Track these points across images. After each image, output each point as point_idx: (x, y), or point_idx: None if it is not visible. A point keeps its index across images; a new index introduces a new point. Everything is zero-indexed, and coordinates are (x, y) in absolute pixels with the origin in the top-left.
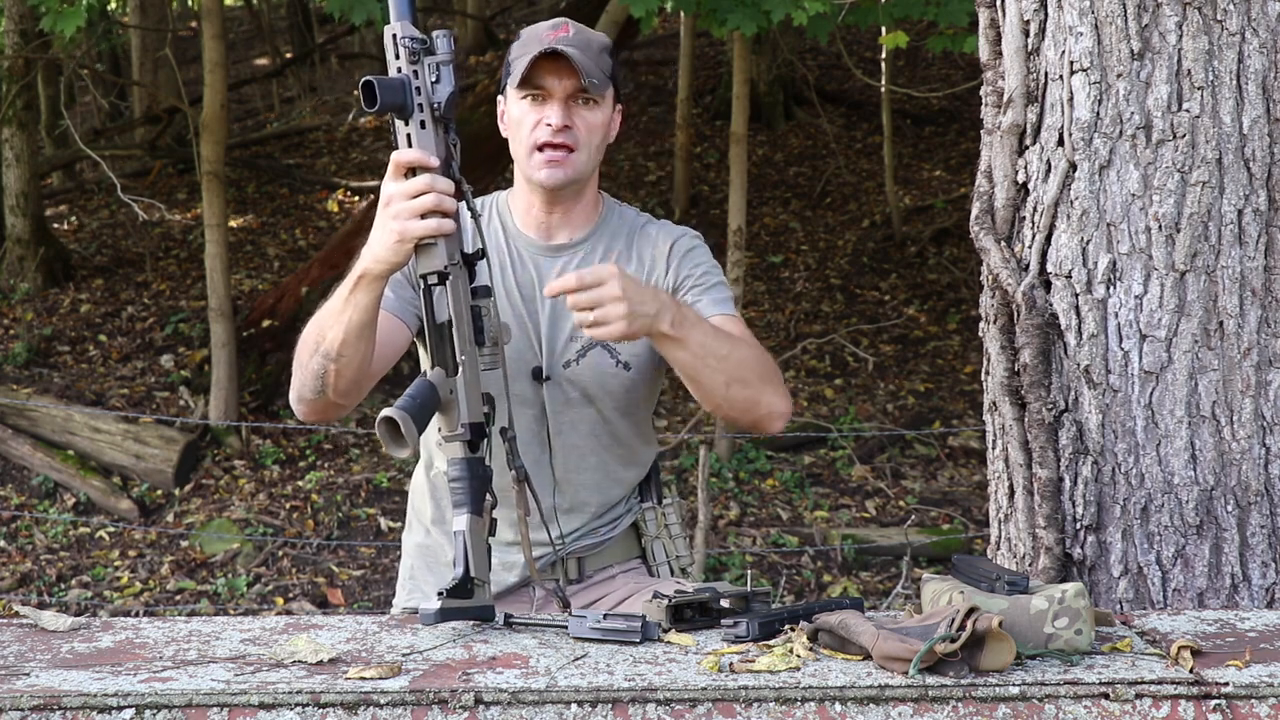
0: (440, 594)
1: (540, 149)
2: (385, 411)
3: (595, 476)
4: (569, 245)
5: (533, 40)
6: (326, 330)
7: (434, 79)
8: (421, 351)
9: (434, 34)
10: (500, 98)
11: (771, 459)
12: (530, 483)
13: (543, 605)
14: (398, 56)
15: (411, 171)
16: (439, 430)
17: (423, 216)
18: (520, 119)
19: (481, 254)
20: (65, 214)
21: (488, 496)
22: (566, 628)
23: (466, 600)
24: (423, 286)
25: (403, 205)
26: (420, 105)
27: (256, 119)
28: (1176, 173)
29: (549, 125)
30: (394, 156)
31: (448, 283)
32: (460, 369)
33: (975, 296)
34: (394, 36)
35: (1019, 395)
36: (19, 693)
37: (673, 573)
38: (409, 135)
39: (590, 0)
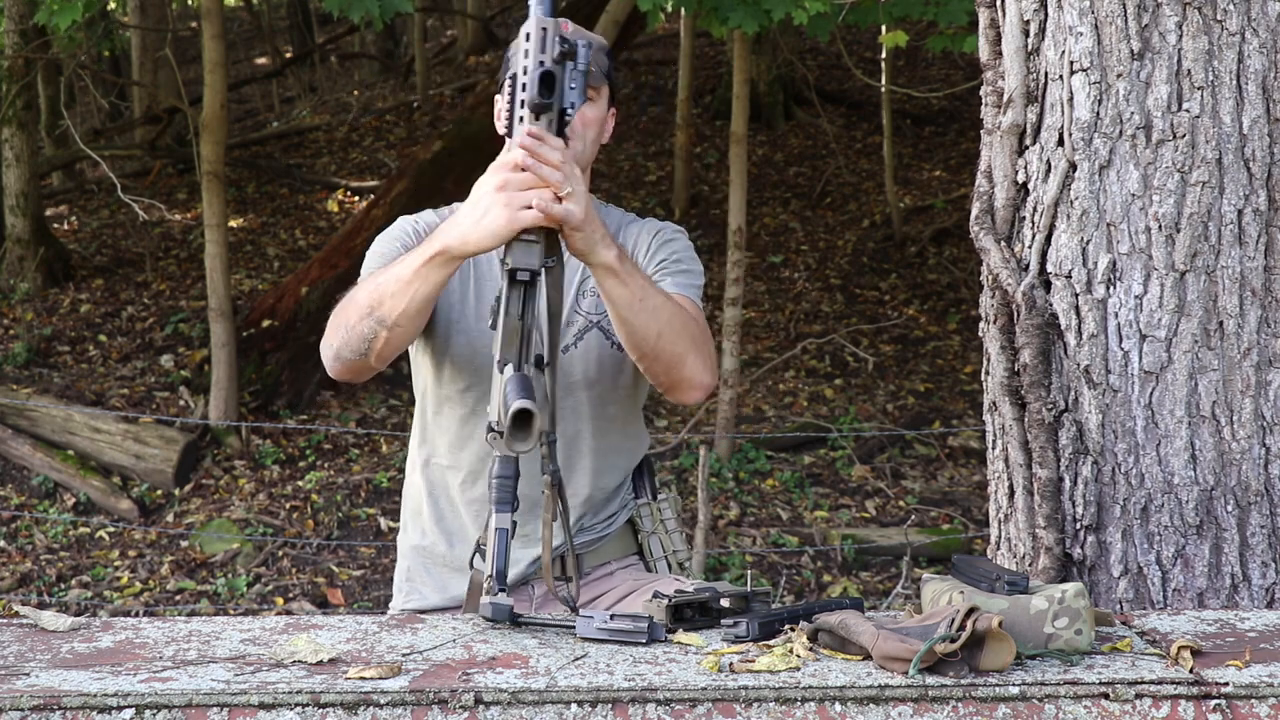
0: (502, 590)
1: None
2: (522, 404)
3: (591, 462)
4: None
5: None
6: (386, 297)
7: (571, 85)
8: (419, 349)
9: (577, 43)
10: (498, 96)
11: (771, 459)
12: (562, 489)
13: (541, 604)
14: (543, 50)
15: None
16: (490, 424)
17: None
18: None
19: (550, 266)
20: (65, 214)
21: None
22: (574, 628)
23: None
24: (508, 281)
25: (518, 195)
26: (552, 105)
27: (256, 119)
28: (1176, 173)
29: None
30: (523, 141)
31: (538, 282)
32: (534, 367)
33: (975, 296)
34: (544, 30)
35: (1019, 395)
36: (19, 693)
37: (670, 568)
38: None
39: (590, 0)
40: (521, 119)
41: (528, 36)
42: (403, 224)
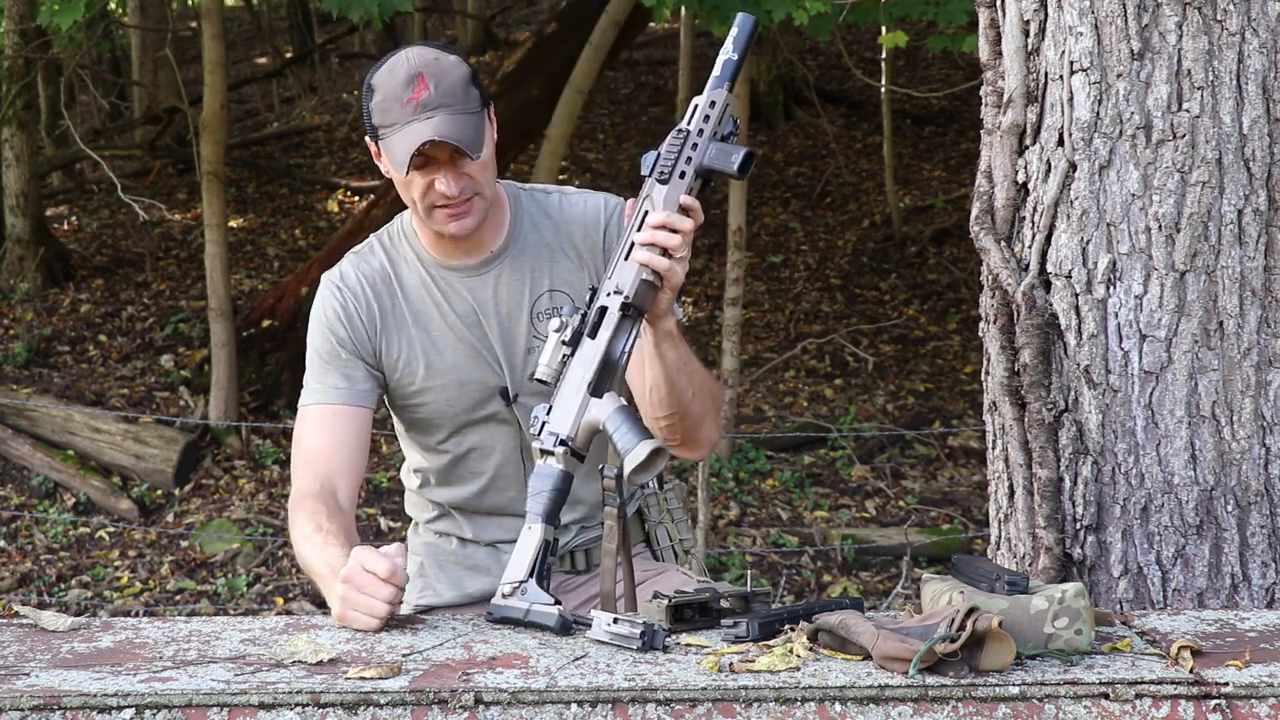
0: (559, 603)
1: (440, 207)
2: (657, 443)
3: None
4: (493, 257)
5: (393, 103)
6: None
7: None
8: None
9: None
10: (369, 140)
11: (771, 459)
12: (626, 521)
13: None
14: (719, 123)
15: None
16: (564, 439)
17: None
18: (409, 181)
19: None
20: (65, 214)
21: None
22: (589, 626)
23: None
24: (620, 314)
25: (352, 612)
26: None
27: (256, 119)
28: (1176, 173)
29: (444, 194)
30: (687, 202)
31: (637, 323)
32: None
33: (975, 296)
34: (727, 107)
35: (1019, 395)
36: (19, 693)
37: (676, 556)
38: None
39: (589, 0)
40: (684, 174)
41: (711, 104)
42: (330, 302)
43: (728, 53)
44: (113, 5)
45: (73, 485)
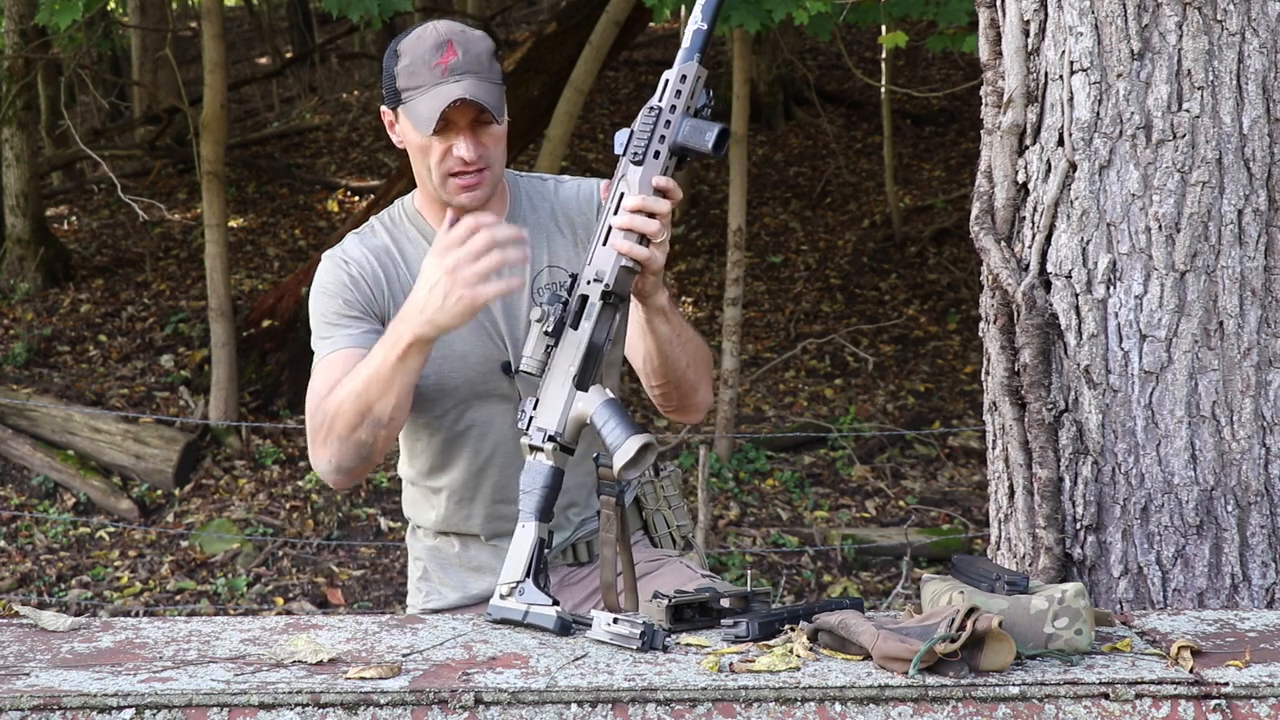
0: (557, 603)
1: (454, 175)
2: (646, 438)
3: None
4: None
5: (420, 66)
6: (374, 401)
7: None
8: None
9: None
10: (385, 109)
11: (771, 459)
12: (624, 510)
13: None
14: (692, 97)
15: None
16: (552, 435)
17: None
18: (426, 146)
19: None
20: (65, 214)
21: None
22: (589, 626)
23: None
24: (601, 304)
25: (470, 271)
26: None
27: (256, 119)
28: (1176, 173)
29: (462, 159)
30: (661, 183)
31: (619, 309)
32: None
33: (975, 296)
34: (699, 79)
35: (1019, 395)
36: (19, 693)
37: (674, 543)
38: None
39: (590, 0)
40: (658, 153)
41: (683, 79)
42: (335, 273)
43: (696, 22)
44: (113, 5)
45: (73, 485)
